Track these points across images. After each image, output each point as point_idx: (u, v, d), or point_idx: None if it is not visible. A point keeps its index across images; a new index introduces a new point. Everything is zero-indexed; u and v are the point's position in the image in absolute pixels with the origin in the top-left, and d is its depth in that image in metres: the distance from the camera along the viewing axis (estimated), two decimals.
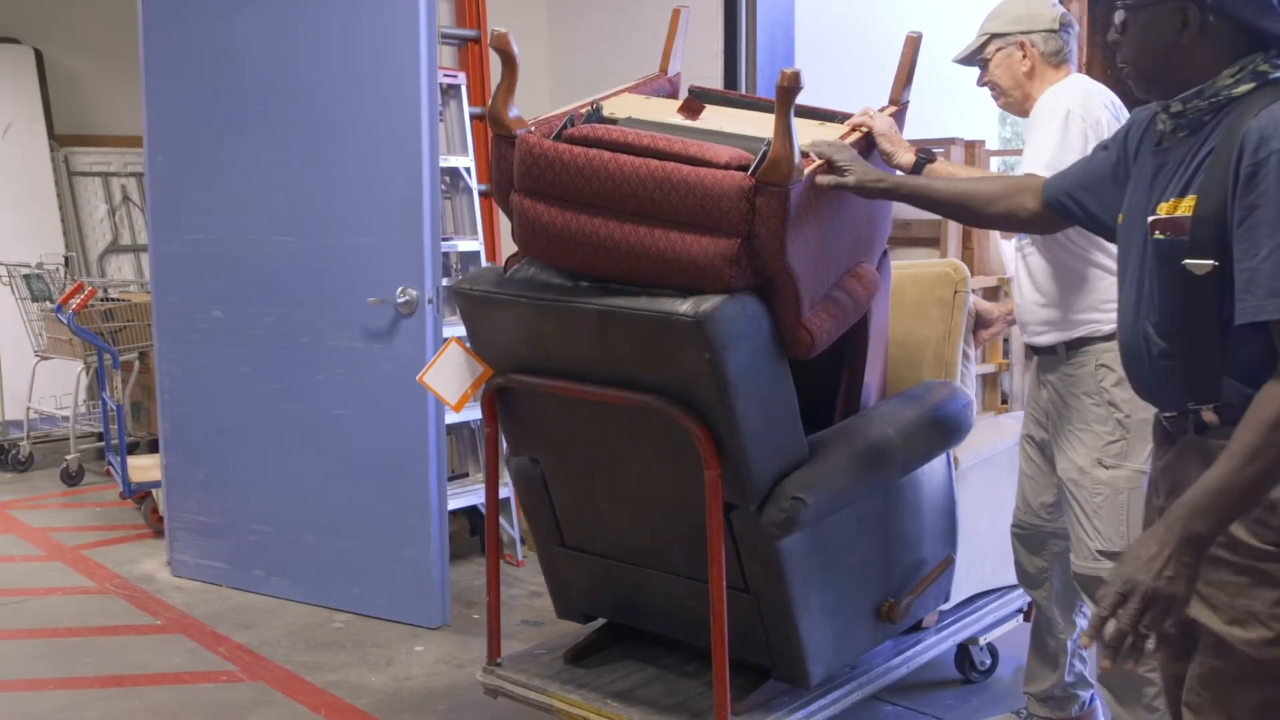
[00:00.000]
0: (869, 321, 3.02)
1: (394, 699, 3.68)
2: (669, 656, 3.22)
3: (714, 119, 2.99)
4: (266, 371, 4.43)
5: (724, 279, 2.56)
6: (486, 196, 4.96)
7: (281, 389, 4.41)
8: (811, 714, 2.95)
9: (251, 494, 4.55)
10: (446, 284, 4.22)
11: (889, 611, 3.07)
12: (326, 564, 4.41)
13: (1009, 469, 3.59)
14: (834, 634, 2.93)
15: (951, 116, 6.58)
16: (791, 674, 2.91)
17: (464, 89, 4.99)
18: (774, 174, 2.51)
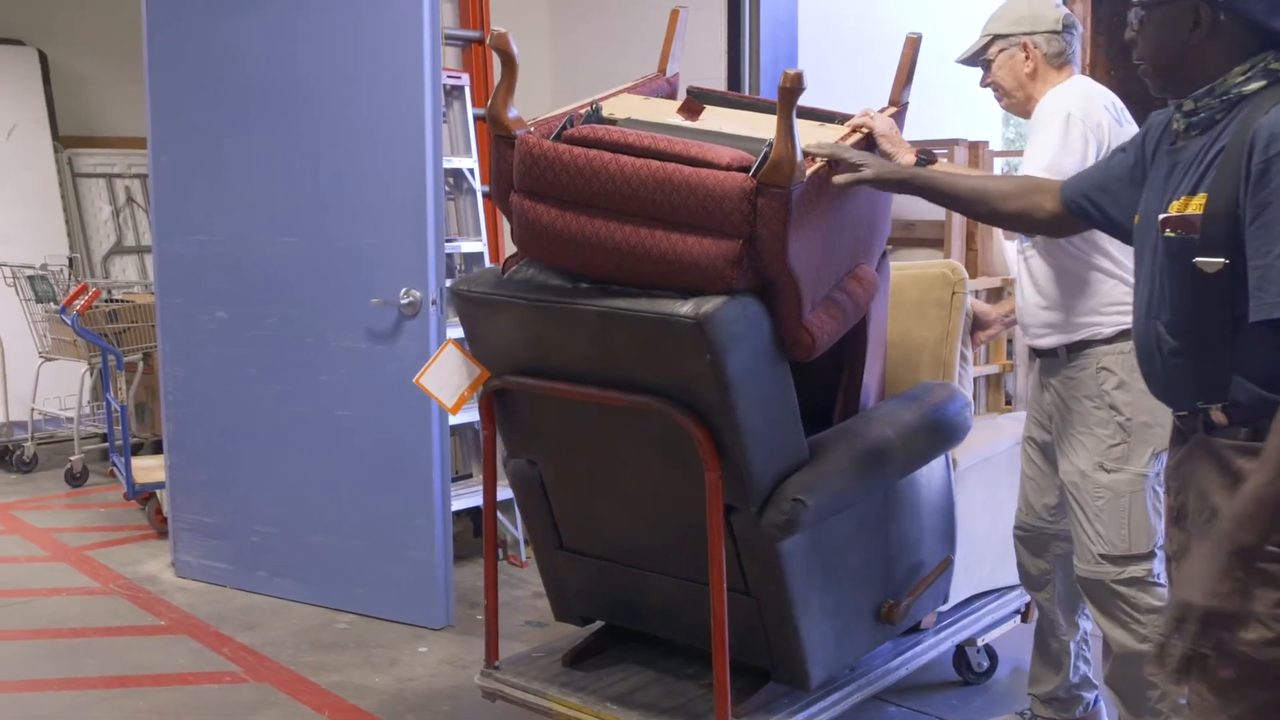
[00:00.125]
0: (868, 323, 3.01)
1: (397, 700, 3.68)
2: (667, 659, 3.21)
3: (713, 120, 2.98)
4: (270, 372, 4.44)
5: (725, 280, 2.55)
6: (490, 198, 4.96)
7: (285, 390, 4.41)
8: (812, 716, 2.95)
9: (255, 495, 4.55)
10: (450, 285, 4.22)
11: (888, 613, 3.07)
12: (330, 565, 4.42)
13: (1006, 470, 3.58)
14: (834, 636, 2.92)
15: (955, 117, 6.57)
16: (791, 676, 2.90)
17: (467, 90, 4.99)
18: (776, 175, 2.50)
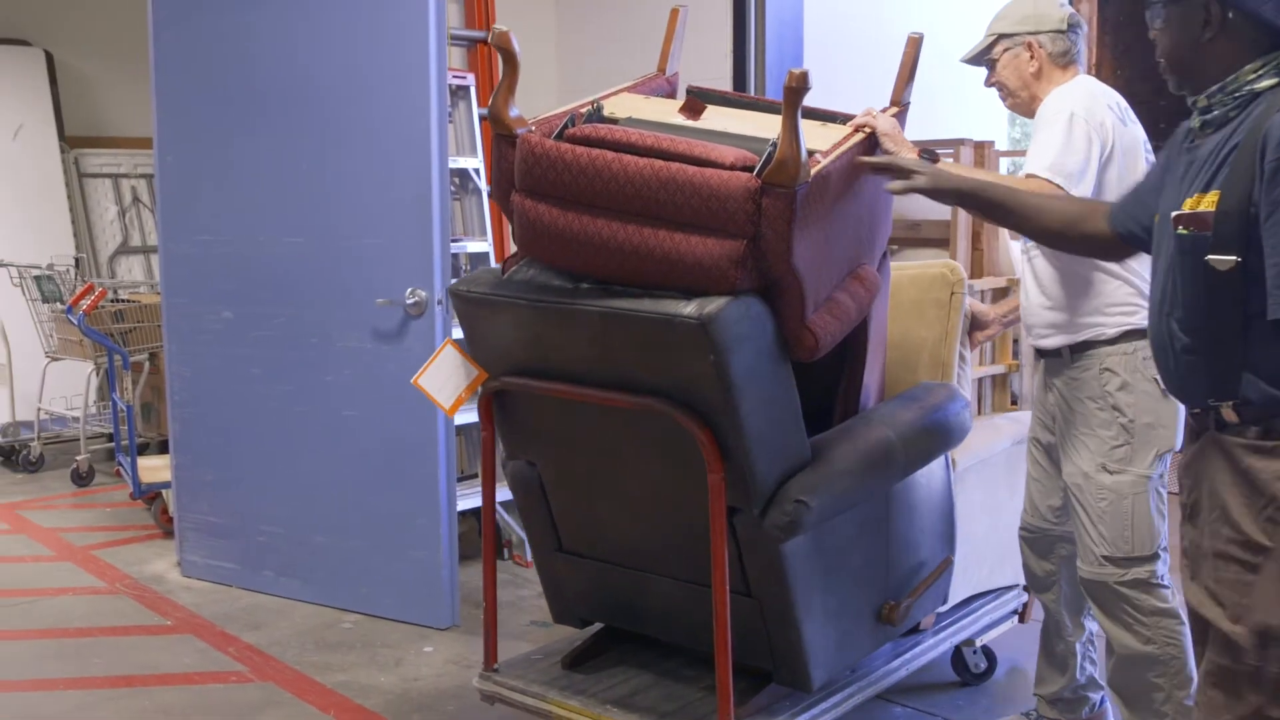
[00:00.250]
0: (869, 323, 3.00)
1: (403, 699, 3.69)
2: (667, 661, 3.20)
3: (716, 119, 2.97)
4: (276, 372, 4.44)
5: (729, 281, 2.54)
6: (493, 197, 4.97)
7: (291, 390, 4.42)
8: (813, 717, 2.94)
9: (261, 494, 4.56)
10: (449, 285, 4.22)
11: (889, 614, 3.05)
12: (336, 564, 4.42)
13: (1005, 470, 3.58)
14: (836, 637, 2.91)
15: (960, 117, 6.56)
16: (793, 678, 2.89)
17: (473, 90, 5.00)
18: (781, 175, 2.48)
